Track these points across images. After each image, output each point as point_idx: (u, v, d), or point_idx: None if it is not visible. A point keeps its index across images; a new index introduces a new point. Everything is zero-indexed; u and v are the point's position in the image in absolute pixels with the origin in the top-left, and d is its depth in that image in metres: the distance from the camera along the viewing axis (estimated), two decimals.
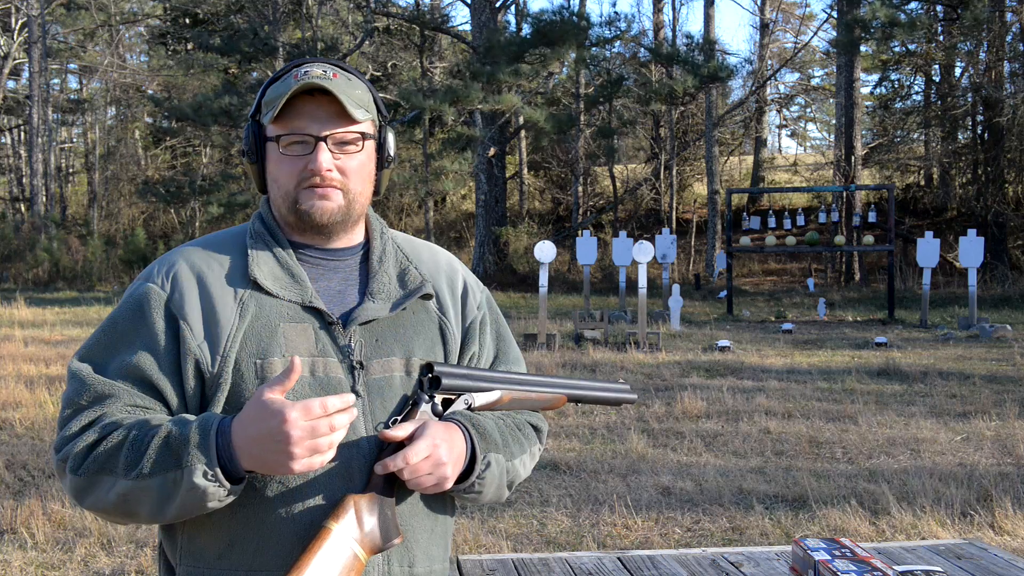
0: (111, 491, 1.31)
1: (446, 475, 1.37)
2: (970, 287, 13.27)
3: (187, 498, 1.28)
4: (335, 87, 1.40)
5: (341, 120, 1.43)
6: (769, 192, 24.03)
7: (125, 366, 1.38)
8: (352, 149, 1.45)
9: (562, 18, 19.64)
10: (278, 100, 1.41)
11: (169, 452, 1.28)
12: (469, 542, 4.45)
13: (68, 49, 30.80)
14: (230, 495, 1.30)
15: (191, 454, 1.26)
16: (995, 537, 4.51)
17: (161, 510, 1.31)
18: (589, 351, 10.80)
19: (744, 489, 5.34)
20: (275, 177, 1.46)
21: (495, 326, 1.64)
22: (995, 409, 7.43)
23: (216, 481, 1.27)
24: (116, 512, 1.34)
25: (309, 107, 1.42)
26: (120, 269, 22.51)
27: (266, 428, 1.25)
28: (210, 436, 1.28)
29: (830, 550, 2.08)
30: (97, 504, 1.34)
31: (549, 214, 26.63)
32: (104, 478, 1.31)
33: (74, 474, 1.32)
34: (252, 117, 1.49)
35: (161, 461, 1.28)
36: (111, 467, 1.30)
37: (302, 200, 1.44)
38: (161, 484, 1.28)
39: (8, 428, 6.95)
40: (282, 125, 1.43)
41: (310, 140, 1.42)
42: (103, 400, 1.36)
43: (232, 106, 19.34)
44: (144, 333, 1.40)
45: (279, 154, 1.44)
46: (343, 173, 1.44)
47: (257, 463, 1.28)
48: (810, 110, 36.31)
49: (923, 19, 19.93)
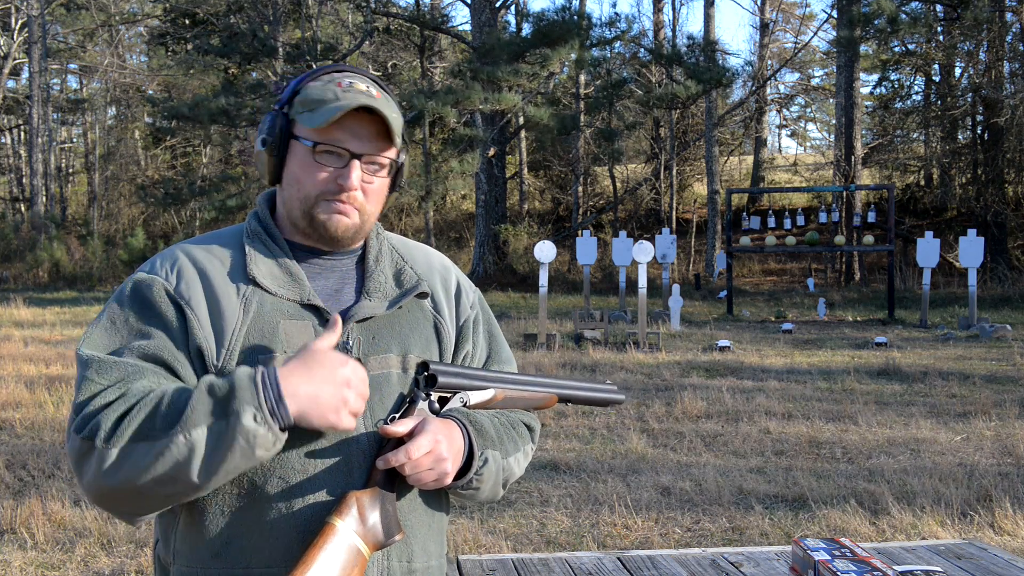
0: (148, 456, 1.23)
1: (446, 470, 1.38)
2: (970, 287, 13.27)
3: (236, 447, 1.24)
4: (383, 108, 1.40)
5: (381, 142, 1.44)
6: (769, 192, 24.03)
7: (140, 348, 1.35)
8: (380, 173, 1.46)
9: (563, 18, 19.63)
10: (324, 107, 1.39)
11: (215, 401, 1.25)
12: (469, 542, 4.45)
13: (68, 49, 30.82)
14: (277, 444, 1.28)
15: (238, 399, 1.24)
16: (995, 537, 4.51)
17: (207, 469, 1.25)
18: (589, 351, 10.80)
19: (744, 489, 5.34)
20: (298, 178, 1.44)
21: (487, 326, 1.65)
22: (995, 409, 7.43)
23: (265, 424, 1.24)
24: (151, 484, 1.25)
25: (352, 123, 1.41)
26: (120, 269, 22.50)
27: (331, 370, 1.29)
28: (257, 380, 1.26)
29: (830, 550, 2.08)
30: (130, 478, 1.24)
31: (549, 214, 26.64)
32: (140, 445, 1.24)
33: (106, 445, 1.24)
34: (280, 109, 1.47)
35: (206, 412, 1.24)
36: (147, 431, 1.24)
37: (321, 210, 1.44)
38: (207, 437, 1.23)
39: (8, 428, 6.95)
40: (321, 132, 1.41)
41: (346, 155, 1.42)
42: (126, 378, 1.31)
43: (230, 106, 19.33)
44: (154, 319, 1.38)
45: (310, 159, 1.43)
46: (365, 194, 1.45)
47: (310, 404, 1.28)
48: (810, 110, 36.35)
49: (927, 17, 19.93)
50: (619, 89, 21.60)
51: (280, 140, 1.46)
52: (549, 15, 19.98)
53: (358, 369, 1.33)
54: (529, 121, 20.46)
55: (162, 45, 27.87)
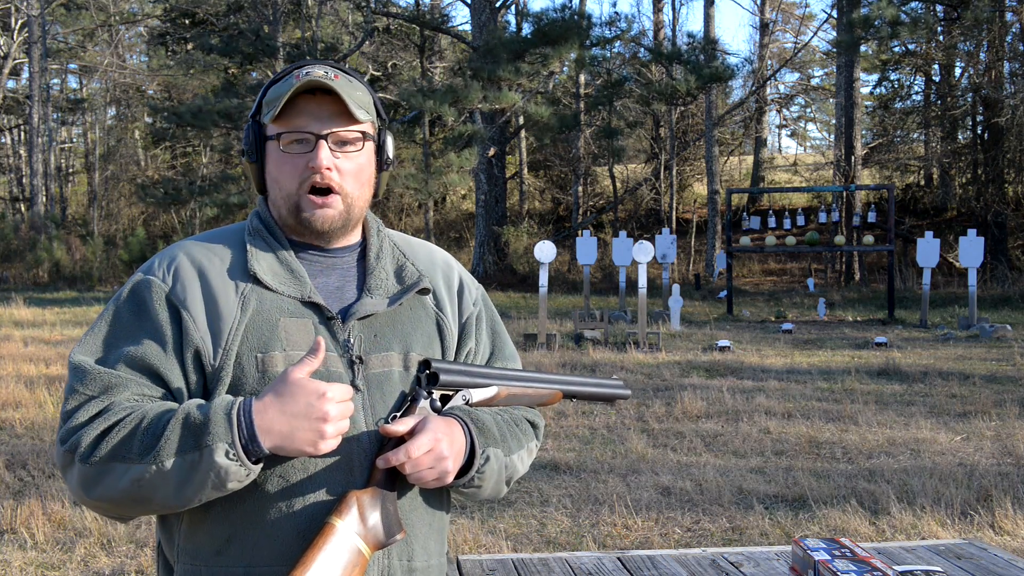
0: (123, 478, 1.27)
1: (447, 469, 1.38)
2: (970, 287, 13.27)
3: (207, 480, 1.26)
4: (337, 86, 1.41)
5: (342, 119, 1.44)
6: (769, 192, 24.03)
7: (129, 355, 1.36)
8: (352, 149, 1.46)
9: (563, 18, 19.62)
10: (280, 98, 1.42)
11: (188, 433, 1.26)
12: (469, 542, 4.45)
13: (68, 49, 30.80)
14: (250, 476, 1.29)
15: (211, 434, 1.25)
16: (995, 537, 4.51)
17: (178, 494, 1.28)
18: (589, 351, 10.80)
19: (744, 489, 5.34)
20: (276, 177, 1.46)
21: (490, 323, 1.65)
22: (995, 409, 7.43)
23: (238, 460, 1.26)
24: (127, 501, 1.30)
25: (311, 106, 1.43)
26: (120, 269, 22.49)
27: (305, 406, 1.27)
28: (232, 415, 1.27)
29: (830, 550, 2.08)
30: (107, 494, 1.30)
31: (549, 214, 26.64)
32: (116, 465, 1.28)
33: (84, 463, 1.29)
34: (252, 117, 1.50)
35: (180, 443, 1.26)
36: (124, 453, 1.27)
37: (304, 208, 1.44)
38: (179, 466, 1.26)
39: (8, 428, 6.95)
40: (283, 123, 1.43)
41: (311, 138, 1.43)
42: (109, 389, 1.34)
43: (233, 108, 19.33)
44: (147, 323, 1.39)
45: (280, 153, 1.44)
46: (340, 173, 1.45)
47: (284, 440, 1.28)
48: (810, 110, 36.33)
49: (928, 18, 19.92)
50: (619, 88, 21.59)
51: (256, 147, 1.48)
52: (549, 15, 19.97)
53: (338, 392, 1.30)
54: (529, 120, 20.46)
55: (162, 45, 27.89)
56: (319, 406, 1.28)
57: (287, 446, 1.29)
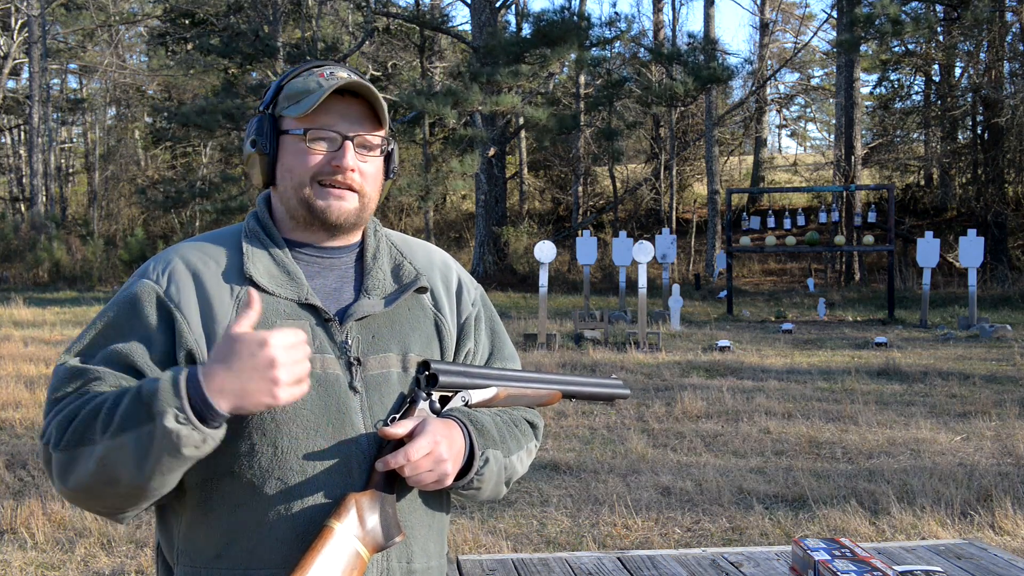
0: (90, 460, 1.27)
1: (447, 471, 1.38)
2: (970, 287, 13.27)
3: (162, 447, 1.24)
4: (370, 92, 1.43)
5: (370, 123, 1.46)
6: (769, 192, 24.03)
7: (112, 354, 1.36)
8: (373, 154, 1.48)
9: (562, 18, 19.62)
10: (309, 96, 1.42)
11: (140, 405, 1.25)
12: (469, 542, 4.45)
13: (68, 49, 30.81)
14: (207, 441, 1.26)
15: (160, 400, 1.23)
16: (995, 537, 4.51)
17: (140, 470, 1.26)
18: (589, 351, 10.80)
19: (744, 489, 5.34)
20: (290, 167, 1.46)
21: (490, 323, 1.64)
22: (995, 409, 7.43)
23: (189, 424, 1.23)
24: (98, 485, 1.29)
25: (339, 106, 1.44)
26: (120, 269, 22.50)
27: (249, 357, 1.24)
28: (179, 380, 1.25)
29: (830, 550, 2.08)
30: (80, 481, 1.29)
31: (549, 214, 26.64)
32: (83, 449, 1.27)
33: (56, 451, 1.29)
34: (263, 110, 1.49)
35: (134, 415, 1.25)
36: (90, 436, 1.27)
37: (318, 197, 1.44)
38: (136, 439, 1.24)
39: (8, 428, 6.95)
40: (310, 119, 1.43)
41: (337, 138, 1.44)
42: (88, 384, 1.34)
43: (234, 108, 19.34)
44: (137, 326, 1.39)
45: (302, 147, 1.44)
46: (362, 175, 1.46)
47: (239, 398, 1.25)
48: (810, 110, 36.33)
49: (929, 17, 19.91)
50: (619, 89, 21.59)
51: (270, 139, 1.47)
52: (549, 15, 19.96)
53: (282, 337, 1.26)
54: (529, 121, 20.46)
55: (162, 45, 27.87)
56: (263, 354, 1.24)
57: (246, 403, 1.25)
